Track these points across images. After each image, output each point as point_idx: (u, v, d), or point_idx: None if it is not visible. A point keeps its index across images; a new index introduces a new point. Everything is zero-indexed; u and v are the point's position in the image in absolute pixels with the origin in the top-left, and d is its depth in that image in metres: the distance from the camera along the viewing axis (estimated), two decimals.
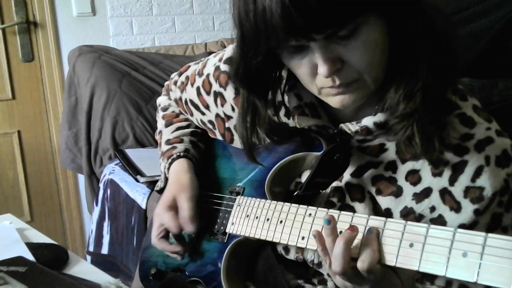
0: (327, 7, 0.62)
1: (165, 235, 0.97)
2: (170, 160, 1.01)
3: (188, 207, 0.93)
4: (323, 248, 0.68)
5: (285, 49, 0.71)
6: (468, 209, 0.74)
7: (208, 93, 0.97)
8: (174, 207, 0.95)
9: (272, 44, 0.67)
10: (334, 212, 0.70)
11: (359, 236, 0.66)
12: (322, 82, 0.71)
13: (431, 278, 0.80)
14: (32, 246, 1.02)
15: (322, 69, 0.68)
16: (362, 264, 0.64)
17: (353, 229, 0.66)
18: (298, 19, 0.62)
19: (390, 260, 0.62)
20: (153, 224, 0.98)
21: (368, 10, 0.65)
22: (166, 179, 1.03)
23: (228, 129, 0.97)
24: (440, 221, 0.76)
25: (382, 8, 0.66)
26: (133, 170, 2.02)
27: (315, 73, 0.71)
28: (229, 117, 0.96)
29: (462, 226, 0.75)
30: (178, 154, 1.01)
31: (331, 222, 0.67)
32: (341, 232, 0.68)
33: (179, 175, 0.98)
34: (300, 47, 0.69)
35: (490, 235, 0.53)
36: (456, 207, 0.75)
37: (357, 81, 0.71)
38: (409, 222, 0.61)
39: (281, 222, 0.77)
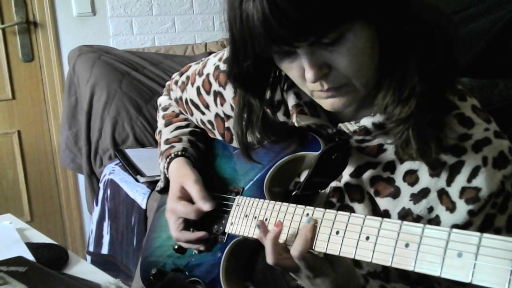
0: (307, 17, 0.62)
1: (185, 227, 0.96)
2: (168, 159, 1.02)
3: (197, 189, 0.93)
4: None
5: (274, 53, 0.71)
6: (462, 209, 0.75)
7: (208, 93, 0.97)
8: (183, 197, 0.95)
9: (257, 50, 0.67)
10: (331, 212, 0.70)
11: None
12: (312, 86, 0.72)
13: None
14: (32, 246, 1.02)
15: (309, 74, 0.69)
16: (294, 251, 0.69)
17: (277, 225, 0.74)
18: (278, 28, 0.63)
19: (385, 260, 0.62)
20: (168, 222, 0.98)
21: (350, 19, 0.65)
22: (166, 179, 1.03)
23: (228, 128, 0.97)
24: (436, 221, 0.77)
25: (366, 16, 0.66)
26: (133, 170, 2.02)
27: (305, 77, 0.71)
28: (228, 117, 0.96)
29: (455, 226, 0.75)
30: (176, 153, 1.01)
31: (261, 227, 0.75)
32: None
33: (180, 170, 0.99)
34: (288, 52, 0.70)
35: (485, 235, 0.53)
36: (451, 207, 0.75)
37: (346, 86, 0.71)
38: (404, 222, 0.62)
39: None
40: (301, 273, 0.72)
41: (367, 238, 0.64)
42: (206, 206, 0.92)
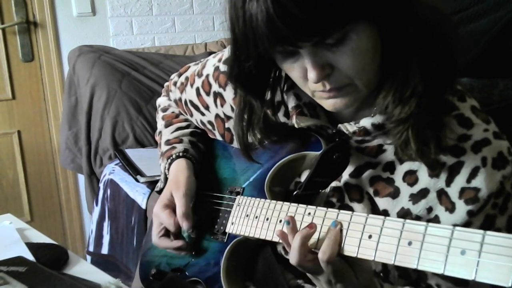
0: (312, 17, 0.62)
1: (165, 234, 0.97)
2: (169, 160, 1.02)
3: (182, 204, 0.94)
4: (287, 244, 0.72)
5: (277, 53, 0.71)
6: (461, 210, 0.74)
7: (207, 94, 0.97)
8: (170, 205, 0.96)
9: (260, 50, 0.67)
10: (333, 211, 0.70)
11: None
12: (314, 86, 0.72)
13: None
14: (32, 246, 1.02)
15: (312, 74, 0.69)
16: (322, 255, 0.67)
17: (311, 226, 0.70)
18: (283, 28, 0.63)
19: (388, 259, 0.62)
20: (153, 224, 0.99)
21: (354, 19, 0.65)
22: (166, 179, 1.03)
23: (228, 129, 0.97)
24: (435, 221, 0.76)
25: (370, 16, 0.66)
26: (133, 170, 2.02)
27: (307, 77, 0.71)
28: (228, 118, 0.96)
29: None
30: (177, 154, 1.01)
31: (290, 223, 0.72)
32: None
33: (178, 174, 0.99)
34: (291, 52, 0.70)
35: (488, 232, 0.53)
36: (451, 208, 0.75)
37: (348, 86, 0.71)
38: (407, 221, 0.62)
39: (280, 221, 0.77)
40: (322, 277, 0.70)
41: (370, 236, 0.64)
42: (184, 225, 0.93)
